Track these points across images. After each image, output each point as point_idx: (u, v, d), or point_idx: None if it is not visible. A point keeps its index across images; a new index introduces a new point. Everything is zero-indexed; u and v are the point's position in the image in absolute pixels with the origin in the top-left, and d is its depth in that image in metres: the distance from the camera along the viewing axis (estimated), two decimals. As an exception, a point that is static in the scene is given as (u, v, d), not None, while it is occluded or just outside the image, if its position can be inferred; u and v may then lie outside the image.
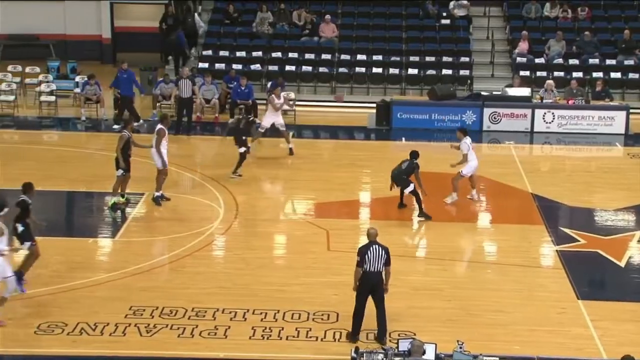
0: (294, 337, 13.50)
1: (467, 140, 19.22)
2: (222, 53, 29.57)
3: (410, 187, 18.49)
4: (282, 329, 13.66)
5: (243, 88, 26.06)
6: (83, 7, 32.89)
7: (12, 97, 26.49)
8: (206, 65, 28.65)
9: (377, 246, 13.35)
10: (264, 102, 26.97)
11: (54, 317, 13.74)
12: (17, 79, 27.68)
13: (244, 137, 20.68)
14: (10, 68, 28.31)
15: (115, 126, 24.44)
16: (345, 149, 24.16)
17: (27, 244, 14.74)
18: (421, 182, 18.59)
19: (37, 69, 28.46)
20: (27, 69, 28.47)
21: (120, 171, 18.41)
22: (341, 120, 27.08)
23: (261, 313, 14.13)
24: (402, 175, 18.54)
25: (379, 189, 20.58)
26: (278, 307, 14.33)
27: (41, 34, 32.58)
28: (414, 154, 18.76)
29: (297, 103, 26.80)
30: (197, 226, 17.63)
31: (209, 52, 29.54)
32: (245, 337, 13.44)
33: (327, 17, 30.29)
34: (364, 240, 17.84)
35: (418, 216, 18.55)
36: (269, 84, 27.59)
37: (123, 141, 18.37)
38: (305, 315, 14.11)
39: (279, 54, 29.44)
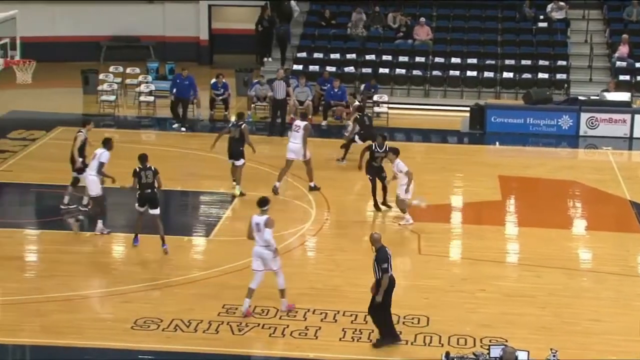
0: (384, 339, 13.50)
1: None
2: (316, 55, 29.75)
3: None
4: (372, 331, 13.66)
5: (336, 90, 26.16)
6: (182, 9, 33.55)
7: (113, 97, 27.16)
8: (300, 67, 28.87)
9: (387, 249, 13.31)
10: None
11: (150, 313, 14.04)
12: (118, 80, 28.36)
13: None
14: (112, 69, 29.01)
15: (175, 125, 24.83)
16: (438, 153, 24.03)
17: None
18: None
19: (137, 70, 29.10)
20: (128, 70, 29.12)
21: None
22: (434, 123, 26.93)
23: (351, 315, 14.17)
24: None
25: (471, 193, 20.44)
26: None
27: (142, 35, 33.37)
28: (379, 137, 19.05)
29: (390, 106, 26.77)
30: (288, 227, 17.77)
31: (304, 54, 29.76)
32: (335, 339, 13.50)
33: (422, 19, 30.18)
34: (456, 244, 17.90)
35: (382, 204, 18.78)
36: (362, 87, 27.67)
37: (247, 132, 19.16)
38: (395, 318, 14.06)
39: (372, 57, 29.46)
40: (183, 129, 24.76)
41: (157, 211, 16.35)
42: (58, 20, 32.76)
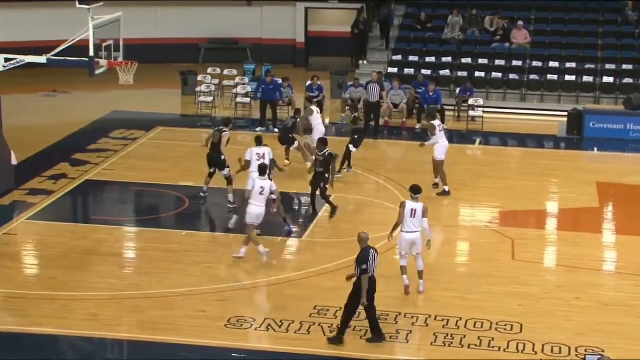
0: (476, 345, 13.41)
1: None
2: (411, 58, 29.69)
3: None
4: (464, 336, 13.60)
5: (431, 94, 26.08)
6: (279, 12, 33.93)
7: (210, 99, 27.63)
8: (395, 70, 28.86)
9: (373, 250, 13.29)
10: (452, 107, 26.95)
11: (244, 312, 14.26)
12: (216, 81, 28.83)
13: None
14: (209, 70, 29.51)
15: (275, 130, 25.02)
16: (534, 158, 23.69)
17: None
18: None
19: (234, 72, 29.51)
20: (225, 72, 29.56)
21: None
22: (530, 128, 26.58)
23: (443, 320, 14.12)
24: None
25: (568, 200, 20.12)
26: (460, 314, 14.28)
27: (239, 37, 33.86)
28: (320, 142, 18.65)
29: (485, 110, 26.53)
30: (381, 229, 17.73)
31: (399, 57, 29.73)
32: (426, 343, 13.47)
33: (520, 23, 29.81)
34: (550, 251, 17.65)
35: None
36: (457, 90, 27.51)
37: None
38: (487, 324, 13.98)
39: (468, 60, 29.25)
40: (276, 129, 24.97)
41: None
42: (160, 22, 33.52)
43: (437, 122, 20.13)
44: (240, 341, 13.40)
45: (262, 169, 16.40)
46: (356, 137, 21.21)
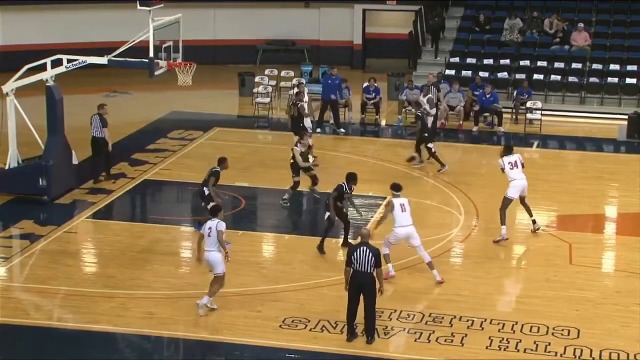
0: (532, 350, 13.29)
1: None
2: (469, 60, 29.51)
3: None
4: (520, 341, 13.48)
5: (488, 96, 25.88)
6: (336, 14, 33.98)
7: (267, 100, 27.78)
8: (452, 72, 28.71)
9: (365, 248, 13.22)
10: (510, 110, 26.71)
11: (298, 313, 14.31)
12: (273, 82, 28.98)
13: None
14: (267, 72, 29.68)
15: (318, 129, 24.96)
16: (593, 161, 23.39)
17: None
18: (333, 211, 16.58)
19: (292, 73, 29.62)
20: (282, 73, 29.70)
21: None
22: (589, 131, 26.23)
23: (499, 323, 14.02)
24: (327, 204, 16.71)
25: (627, 204, 19.84)
26: (516, 318, 14.17)
27: (297, 39, 33.99)
28: (350, 177, 16.72)
29: (544, 112, 26.26)
30: (436, 232, 17.72)
31: (456, 59, 29.57)
32: (481, 347, 13.39)
33: (580, 25, 29.43)
34: (609, 255, 17.41)
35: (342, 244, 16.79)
36: (515, 92, 27.27)
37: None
38: (544, 329, 13.85)
39: (527, 62, 28.97)
40: (342, 130, 24.95)
41: None
42: (218, 24, 33.81)
43: (505, 160, 17.51)
44: (294, 342, 13.46)
45: None
46: (426, 135, 21.32)
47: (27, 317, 14.27)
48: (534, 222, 17.92)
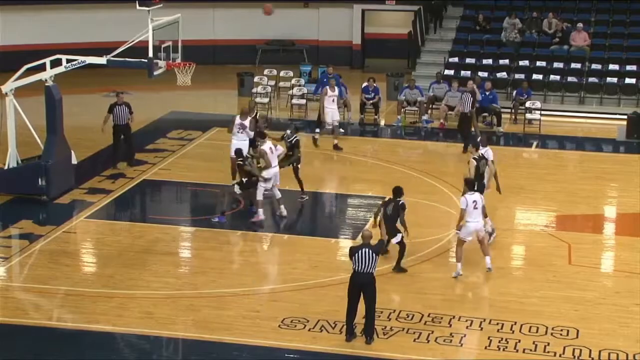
0: (530, 350, 13.30)
1: None
2: (468, 60, 29.51)
3: (398, 238, 15.80)
4: (519, 341, 13.49)
5: (487, 93, 25.83)
6: (336, 14, 33.95)
7: (266, 100, 27.78)
8: (452, 72, 28.70)
9: (367, 249, 13.21)
10: (509, 110, 26.70)
11: (297, 313, 14.31)
12: (272, 83, 28.97)
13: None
14: (266, 72, 29.66)
15: (317, 130, 24.95)
16: (592, 161, 23.39)
17: None
18: (406, 225, 15.81)
19: (291, 73, 29.60)
20: (282, 73, 29.69)
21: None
22: (589, 131, 26.23)
23: (497, 323, 14.03)
24: (390, 222, 15.77)
25: (626, 204, 19.84)
26: (515, 318, 14.17)
27: (296, 39, 33.98)
28: (398, 192, 16.00)
29: (543, 113, 26.26)
30: (436, 232, 17.73)
31: (455, 59, 29.57)
32: (480, 347, 13.40)
33: (579, 25, 29.43)
34: (608, 256, 17.42)
35: (393, 269, 15.79)
36: (514, 92, 27.26)
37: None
38: (543, 329, 13.85)
39: (526, 62, 28.97)
40: (341, 130, 24.90)
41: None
42: (217, 24, 33.80)
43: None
44: (293, 342, 13.46)
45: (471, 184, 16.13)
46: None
47: (26, 317, 14.28)
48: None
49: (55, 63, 19.19)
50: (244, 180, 18.10)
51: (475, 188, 16.20)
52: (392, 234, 15.86)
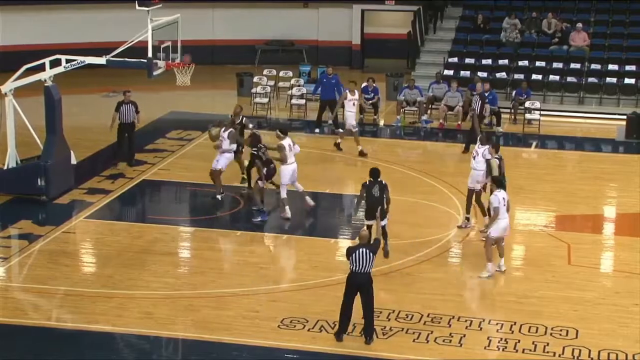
0: (530, 350, 13.30)
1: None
2: (467, 60, 29.52)
3: (385, 221, 15.98)
4: (519, 341, 13.49)
5: (487, 94, 25.80)
6: (335, 14, 33.95)
7: (265, 100, 27.77)
8: (451, 72, 28.71)
9: (364, 249, 13.19)
10: (508, 110, 26.69)
11: (296, 313, 14.31)
12: (272, 83, 28.97)
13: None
14: (265, 72, 29.66)
15: (317, 130, 24.92)
16: (591, 162, 23.39)
17: None
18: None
19: (290, 73, 29.59)
20: (281, 73, 29.68)
21: None
22: (588, 131, 26.23)
23: (497, 324, 14.04)
24: (379, 204, 15.89)
25: (626, 204, 19.84)
26: (515, 318, 14.17)
27: (296, 39, 33.98)
28: (378, 172, 16.17)
29: (543, 113, 26.26)
30: (435, 232, 17.74)
31: (455, 60, 29.57)
32: (480, 347, 13.40)
33: (579, 25, 29.44)
34: (607, 256, 17.42)
35: (385, 256, 16.08)
36: (513, 93, 27.26)
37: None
38: (543, 329, 13.86)
39: (525, 63, 28.98)
40: (340, 130, 24.90)
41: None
42: (216, 24, 33.80)
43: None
44: (293, 342, 13.46)
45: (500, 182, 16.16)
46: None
47: (26, 317, 14.28)
48: (467, 219, 18.03)
49: (55, 63, 19.20)
50: (264, 171, 18.25)
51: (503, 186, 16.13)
52: (382, 216, 15.89)
